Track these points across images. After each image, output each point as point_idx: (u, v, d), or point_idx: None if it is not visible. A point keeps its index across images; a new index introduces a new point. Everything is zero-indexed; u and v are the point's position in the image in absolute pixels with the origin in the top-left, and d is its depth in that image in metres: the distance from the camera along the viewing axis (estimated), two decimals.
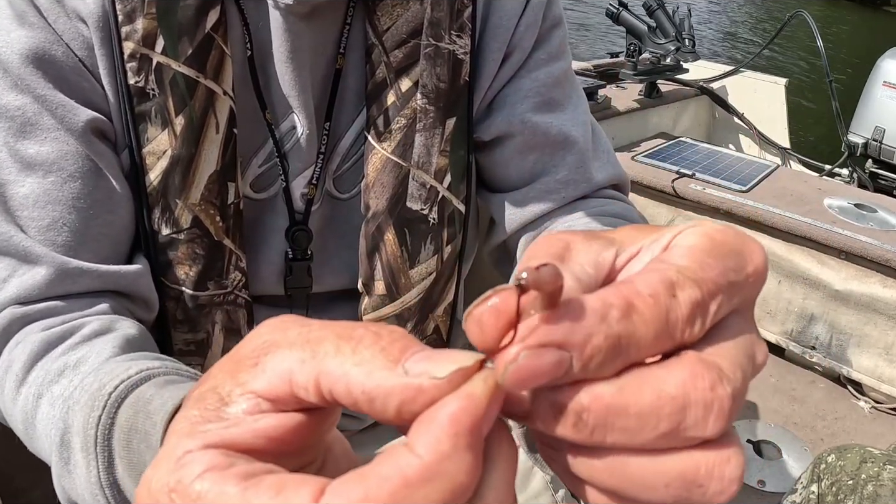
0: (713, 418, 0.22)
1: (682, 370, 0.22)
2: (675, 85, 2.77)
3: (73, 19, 0.57)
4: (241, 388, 0.23)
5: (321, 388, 0.22)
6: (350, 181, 0.68)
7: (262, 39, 0.61)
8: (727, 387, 0.22)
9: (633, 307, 0.22)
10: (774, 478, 1.68)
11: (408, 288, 0.67)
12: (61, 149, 0.57)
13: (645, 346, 0.22)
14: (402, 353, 0.22)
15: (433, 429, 0.20)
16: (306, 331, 0.23)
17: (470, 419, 0.20)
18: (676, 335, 0.22)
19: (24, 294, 0.56)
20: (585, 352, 0.21)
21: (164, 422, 0.38)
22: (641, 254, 0.26)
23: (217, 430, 0.23)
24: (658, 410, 0.21)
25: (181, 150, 0.58)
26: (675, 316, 0.22)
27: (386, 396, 0.21)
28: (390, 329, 0.23)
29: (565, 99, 0.69)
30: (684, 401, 0.21)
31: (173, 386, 0.42)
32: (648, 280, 0.23)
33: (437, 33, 0.63)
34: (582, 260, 0.25)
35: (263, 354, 0.23)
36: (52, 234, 0.57)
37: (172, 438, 0.23)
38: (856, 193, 2.28)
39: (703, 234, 0.25)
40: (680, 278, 0.23)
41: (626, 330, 0.22)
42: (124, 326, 0.56)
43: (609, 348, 0.21)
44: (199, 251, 0.61)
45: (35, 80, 0.56)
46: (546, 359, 0.21)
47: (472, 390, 0.20)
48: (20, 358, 0.53)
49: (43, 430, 0.50)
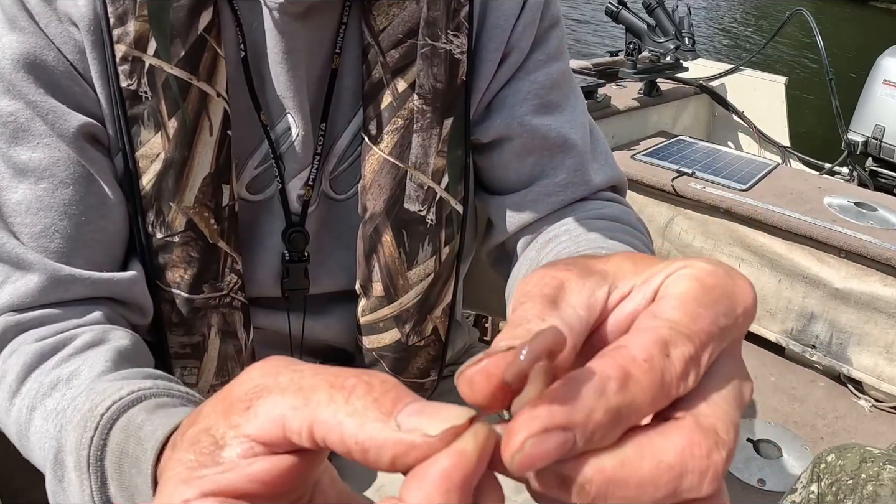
0: (708, 482, 0.23)
1: (680, 438, 0.23)
2: (674, 83, 2.77)
3: (65, 23, 0.56)
4: (234, 430, 0.24)
5: (314, 434, 0.23)
6: (346, 182, 0.67)
7: (256, 40, 0.61)
8: (722, 452, 0.23)
9: (630, 376, 0.23)
10: (774, 477, 1.68)
11: (406, 289, 0.67)
12: (53, 155, 0.57)
13: (643, 411, 0.23)
14: (395, 404, 0.22)
15: (425, 485, 0.21)
16: (297, 377, 0.24)
17: (461, 475, 0.21)
18: (672, 393, 0.23)
19: (17, 301, 0.56)
20: (588, 429, 0.22)
21: (155, 450, 0.38)
22: (633, 294, 0.27)
23: (213, 476, 0.24)
24: (657, 479, 0.22)
25: (174, 153, 0.58)
26: (670, 376, 0.23)
27: (379, 449, 0.22)
28: (382, 378, 0.23)
29: (564, 100, 0.69)
30: (681, 469, 0.22)
31: (163, 411, 0.42)
32: (642, 342, 0.24)
33: (433, 33, 0.62)
34: (575, 302, 0.26)
35: (255, 398, 0.24)
36: (45, 241, 0.57)
37: (170, 485, 0.24)
38: (856, 192, 2.28)
39: (694, 279, 0.26)
40: (672, 336, 0.24)
41: (625, 400, 0.22)
42: (117, 337, 0.56)
43: (609, 421, 0.22)
44: (193, 254, 0.61)
45: (27, 85, 0.56)
46: (551, 442, 0.21)
47: (464, 447, 0.21)
48: (14, 369, 0.53)
49: (37, 443, 0.50)
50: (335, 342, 0.73)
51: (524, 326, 0.24)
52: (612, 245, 0.59)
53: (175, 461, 0.25)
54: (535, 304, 0.25)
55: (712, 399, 0.24)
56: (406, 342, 0.69)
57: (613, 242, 0.60)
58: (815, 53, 2.84)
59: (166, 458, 0.36)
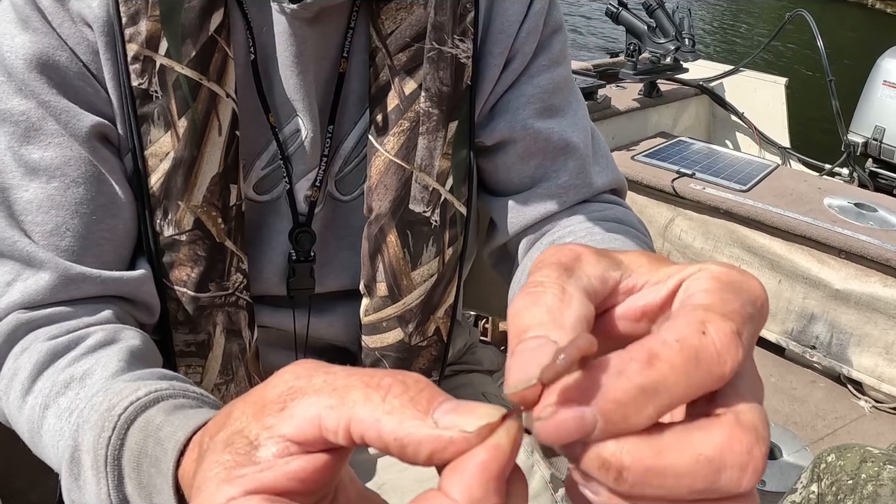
0: (748, 478, 0.23)
1: (721, 433, 0.23)
2: (674, 84, 2.78)
3: (78, 24, 0.57)
4: (268, 431, 0.25)
5: (351, 432, 0.24)
6: (352, 183, 0.68)
7: (266, 43, 0.62)
8: (763, 447, 0.23)
9: (656, 356, 0.23)
10: (775, 477, 1.68)
11: (409, 290, 0.67)
12: (65, 154, 0.57)
13: (676, 391, 0.23)
14: (430, 402, 0.24)
15: (466, 477, 0.23)
16: (332, 378, 0.25)
17: (497, 467, 0.23)
18: (714, 370, 0.23)
19: (28, 299, 0.56)
20: (605, 407, 0.22)
21: (176, 451, 0.39)
22: (645, 289, 0.27)
23: (253, 475, 0.25)
24: (695, 472, 0.23)
25: (183, 151, 0.59)
26: (709, 353, 0.23)
27: (417, 444, 0.23)
28: (416, 378, 0.25)
29: (566, 104, 0.70)
30: (721, 463, 0.23)
31: (181, 413, 0.43)
32: (675, 326, 0.24)
33: (440, 37, 0.63)
34: (590, 272, 0.26)
35: (290, 400, 0.25)
36: (56, 239, 0.57)
37: (211, 485, 0.25)
38: (856, 193, 2.28)
39: (712, 277, 0.26)
40: (709, 316, 0.24)
41: (649, 379, 0.23)
42: (128, 337, 0.56)
43: (632, 401, 0.23)
44: (200, 253, 0.61)
45: (39, 85, 0.56)
46: (566, 415, 0.22)
47: (498, 442, 0.23)
48: (26, 367, 0.53)
49: (50, 441, 0.51)
50: (338, 341, 0.74)
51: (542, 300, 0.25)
52: (617, 246, 0.60)
53: (212, 462, 0.26)
54: (552, 269, 0.26)
55: (748, 396, 0.24)
56: (409, 342, 0.69)
57: (618, 243, 0.61)
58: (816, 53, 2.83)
59: (190, 459, 0.36)
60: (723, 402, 0.24)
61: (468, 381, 0.85)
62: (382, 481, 0.74)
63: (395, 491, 0.71)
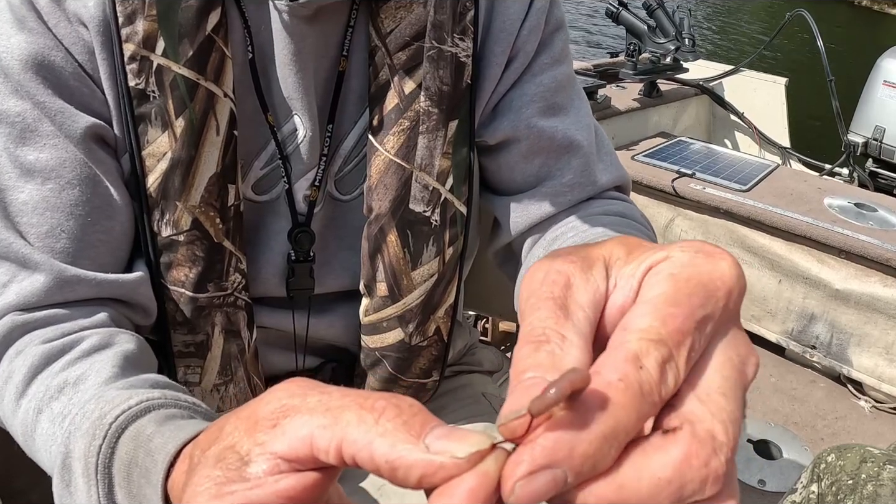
0: (710, 486, 0.24)
1: (677, 451, 0.24)
2: (674, 84, 2.77)
3: (75, 24, 0.56)
4: (259, 447, 0.26)
5: (343, 453, 0.24)
6: (351, 183, 0.68)
7: (264, 42, 0.61)
8: (721, 456, 0.24)
9: (608, 400, 0.24)
10: (774, 477, 1.68)
11: (410, 289, 0.67)
12: (60, 156, 0.57)
13: (632, 428, 0.24)
14: (423, 427, 0.25)
15: (454, 502, 0.23)
16: (326, 398, 0.26)
17: (484, 493, 0.23)
18: (656, 400, 0.24)
19: (23, 301, 0.56)
20: (575, 462, 0.23)
21: (166, 462, 0.38)
22: (618, 287, 0.28)
23: (242, 492, 0.25)
24: (657, 495, 0.23)
25: (181, 152, 0.58)
26: (649, 386, 0.24)
27: (409, 468, 0.24)
28: (409, 402, 0.25)
29: (569, 102, 0.70)
30: (681, 481, 0.23)
31: (172, 423, 0.42)
32: (613, 362, 0.24)
33: (439, 36, 0.62)
34: (583, 301, 0.27)
35: (282, 417, 0.26)
36: (51, 241, 0.57)
37: (200, 500, 0.26)
38: (856, 193, 2.28)
39: (669, 278, 0.26)
40: (642, 346, 0.25)
41: (608, 426, 0.23)
42: (123, 341, 0.56)
43: (597, 450, 0.23)
44: (198, 253, 0.61)
45: (35, 86, 0.56)
46: (541, 481, 0.23)
47: (487, 469, 0.23)
48: (20, 370, 0.53)
49: (43, 445, 0.50)
50: (338, 342, 0.74)
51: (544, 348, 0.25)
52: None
53: (202, 477, 0.26)
54: (548, 311, 0.26)
55: (708, 395, 0.25)
56: (409, 342, 0.69)
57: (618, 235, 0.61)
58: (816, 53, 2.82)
59: (180, 471, 0.36)
60: (679, 404, 0.25)
61: (468, 382, 0.84)
62: (382, 482, 0.74)
63: (395, 493, 0.71)
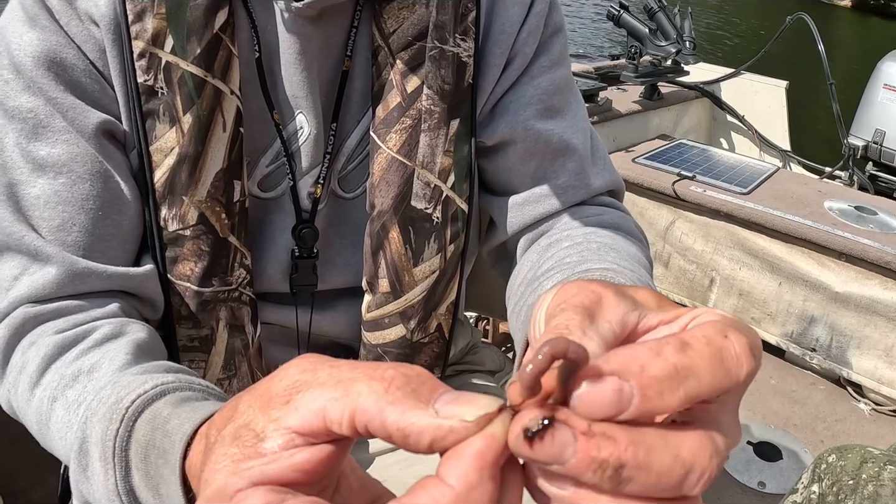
0: (703, 483, 0.24)
1: (695, 436, 0.25)
2: (675, 87, 2.78)
3: (86, 22, 0.58)
4: (274, 423, 0.26)
5: (355, 422, 0.25)
6: (354, 181, 0.68)
7: (270, 41, 0.62)
8: (718, 459, 0.25)
9: (688, 345, 0.25)
10: (774, 479, 1.69)
11: (411, 286, 0.67)
12: (72, 151, 0.58)
13: (704, 382, 0.24)
14: (432, 393, 0.25)
15: (462, 464, 0.24)
16: (336, 371, 0.26)
17: (492, 455, 0.24)
18: (732, 371, 0.25)
19: (35, 293, 0.57)
20: (643, 380, 0.24)
21: (183, 442, 0.39)
22: (660, 328, 0.29)
23: (259, 467, 0.26)
24: (672, 471, 0.24)
25: (188, 147, 0.59)
26: (731, 355, 0.25)
27: (419, 433, 0.24)
28: (418, 370, 0.26)
29: (566, 106, 0.71)
30: (690, 465, 0.24)
31: (188, 405, 0.43)
32: (700, 328, 0.26)
33: (441, 36, 0.63)
34: (611, 317, 0.28)
35: (295, 393, 0.26)
36: (63, 235, 0.58)
37: (219, 477, 0.26)
38: (856, 196, 2.29)
39: (721, 315, 0.28)
40: (727, 328, 0.26)
41: (682, 362, 0.24)
42: (134, 330, 0.57)
43: (666, 378, 0.24)
44: (204, 248, 0.62)
45: (47, 82, 0.57)
46: (605, 389, 0.23)
47: (494, 431, 0.24)
48: (34, 360, 0.54)
49: (58, 433, 0.51)
50: (340, 338, 0.74)
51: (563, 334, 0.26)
52: (612, 258, 0.60)
53: (219, 455, 0.27)
54: (575, 313, 0.27)
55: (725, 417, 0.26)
56: (411, 338, 0.69)
57: (614, 255, 0.61)
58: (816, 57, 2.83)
59: (197, 451, 0.37)
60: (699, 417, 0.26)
61: (470, 382, 0.85)
62: (384, 478, 0.74)
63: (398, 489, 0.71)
